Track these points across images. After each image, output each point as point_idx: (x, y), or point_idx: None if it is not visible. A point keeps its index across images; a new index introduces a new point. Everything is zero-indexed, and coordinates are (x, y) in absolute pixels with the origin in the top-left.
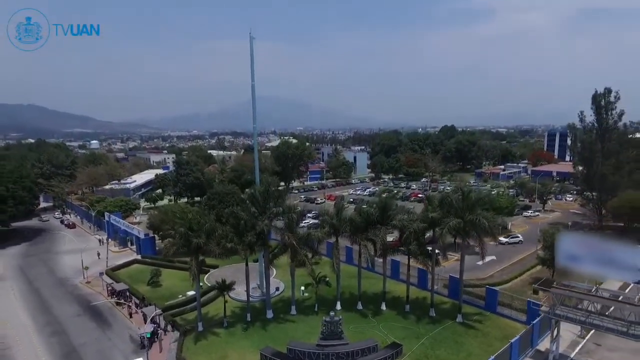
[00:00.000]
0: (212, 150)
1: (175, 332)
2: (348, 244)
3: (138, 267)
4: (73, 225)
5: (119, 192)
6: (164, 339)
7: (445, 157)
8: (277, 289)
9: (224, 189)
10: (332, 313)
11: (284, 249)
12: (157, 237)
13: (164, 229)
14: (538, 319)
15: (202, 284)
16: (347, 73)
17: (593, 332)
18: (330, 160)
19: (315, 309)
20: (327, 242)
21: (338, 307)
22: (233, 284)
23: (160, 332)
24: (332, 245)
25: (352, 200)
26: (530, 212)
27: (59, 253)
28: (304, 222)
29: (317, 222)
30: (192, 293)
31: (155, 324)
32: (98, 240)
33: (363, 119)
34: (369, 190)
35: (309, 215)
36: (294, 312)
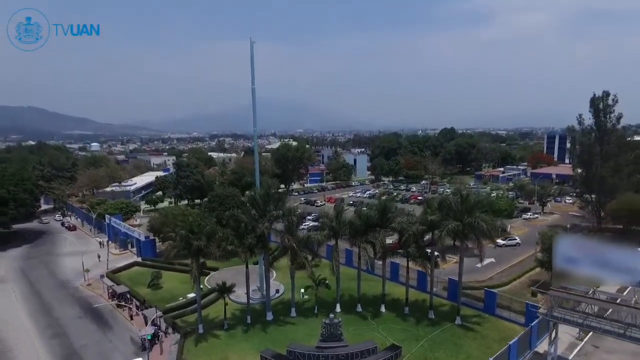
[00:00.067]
0: (212, 153)
1: (176, 334)
2: (348, 247)
3: (138, 269)
4: (74, 228)
5: (120, 194)
6: (165, 341)
7: (445, 159)
8: (277, 292)
9: (225, 192)
10: (331, 315)
11: (284, 252)
12: (157, 239)
13: (165, 232)
14: (536, 321)
15: (202, 287)
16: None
17: (591, 334)
18: (330, 163)
19: (315, 311)
20: (326, 244)
21: (338, 309)
22: (233, 287)
23: (161, 334)
24: (331, 248)
25: (352, 203)
26: (530, 214)
27: (60, 255)
28: (304, 224)
29: (317, 224)
30: (192, 295)
31: (156, 326)
32: (99, 243)
33: (363, 121)
34: (369, 193)
35: (309, 218)
36: (294, 314)
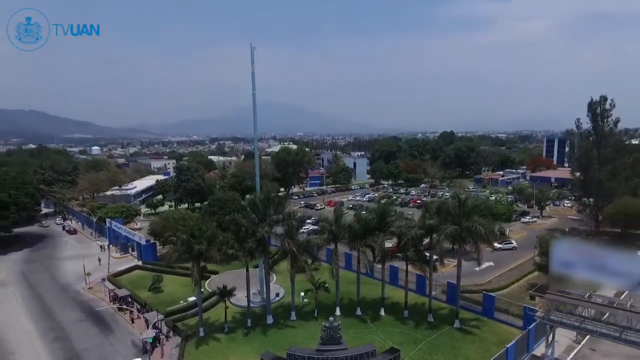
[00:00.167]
0: (212, 156)
1: (177, 337)
2: (347, 250)
3: (139, 273)
4: (74, 231)
5: (120, 198)
6: (166, 344)
7: (445, 163)
8: (277, 295)
9: (225, 196)
10: (331, 318)
11: (284, 255)
12: (158, 243)
13: (165, 235)
14: (534, 325)
15: (203, 290)
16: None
17: (588, 337)
18: (330, 166)
19: (315, 315)
20: (326, 248)
21: (337, 312)
22: (234, 290)
23: (162, 337)
24: (331, 252)
25: (351, 206)
26: (528, 218)
27: (61, 259)
28: (304, 228)
29: (316, 228)
30: (193, 299)
31: (157, 330)
32: (99, 247)
33: (363, 125)
34: (369, 196)
35: (309, 221)
36: (294, 317)
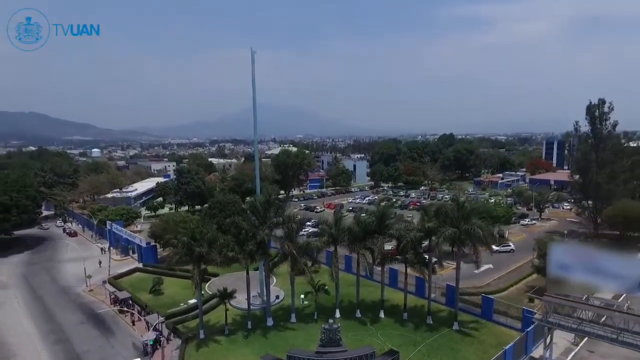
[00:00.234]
0: (212, 158)
1: (177, 339)
2: (347, 253)
3: (140, 275)
4: (75, 234)
5: (121, 200)
6: (167, 347)
7: (444, 165)
8: (277, 297)
9: (225, 198)
10: (331, 321)
11: (284, 258)
12: (158, 245)
13: (166, 238)
14: (532, 327)
15: (203, 292)
16: (346, 80)
17: (586, 339)
18: (330, 169)
19: (315, 317)
20: (326, 250)
21: (337, 315)
22: (234, 292)
23: (163, 339)
24: (331, 254)
25: (351, 209)
26: (528, 220)
27: (62, 261)
28: (304, 230)
29: (316, 230)
30: (193, 301)
31: (158, 332)
32: (100, 249)
33: (362, 127)
34: (368, 199)
35: (309, 224)
36: (294, 320)
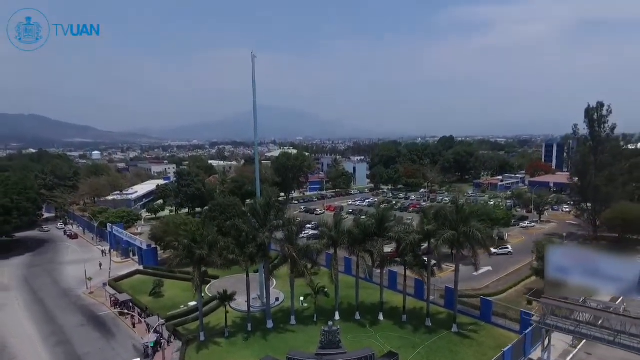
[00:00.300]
0: (212, 161)
1: (178, 341)
2: (347, 255)
3: (140, 277)
4: (75, 236)
5: (121, 203)
6: (167, 349)
7: (444, 167)
8: (277, 300)
9: (226, 201)
10: (330, 323)
11: (284, 260)
12: (159, 248)
13: (166, 240)
14: (530, 329)
15: (203, 295)
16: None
17: (584, 342)
18: (330, 171)
19: (314, 319)
20: (326, 253)
21: (337, 317)
22: (234, 295)
23: (164, 341)
24: (331, 257)
25: (351, 211)
26: (527, 222)
27: (63, 263)
28: (304, 233)
29: (316, 233)
30: (193, 303)
31: (158, 334)
32: (101, 251)
33: (362, 129)
34: (368, 201)
35: (309, 226)
36: (294, 322)
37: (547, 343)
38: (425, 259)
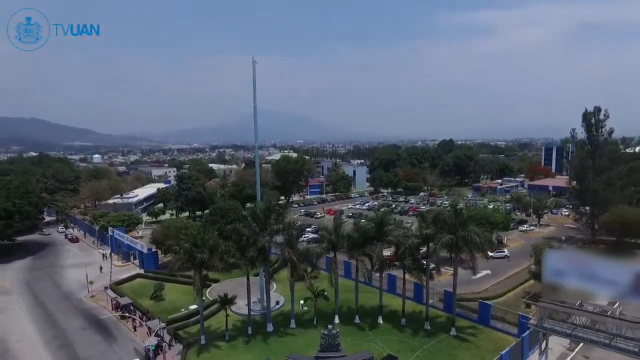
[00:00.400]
0: (212, 164)
1: (179, 345)
2: (346, 259)
3: (141, 281)
4: (76, 240)
5: (122, 206)
6: (168, 352)
7: (444, 171)
8: (277, 303)
9: (226, 205)
10: (330, 326)
11: (284, 264)
12: (159, 251)
13: (167, 244)
14: (527, 332)
15: (204, 298)
16: (347, 86)
17: (582, 345)
18: (330, 175)
19: (314, 323)
20: (325, 257)
21: (336, 320)
22: (234, 298)
23: (164, 345)
24: (330, 260)
25: (351, 215)
26: (526, 226)
27: (64, 267)
28: (304, 236)
29: (316, 236)
30: (194, 307)
31: (159, 337)
32: (102, 255)
33: (363, 133)
34: (368, 205)
35: (309, 230)
36: (294, 325)
37: (544, 346)
38: (424, 263)
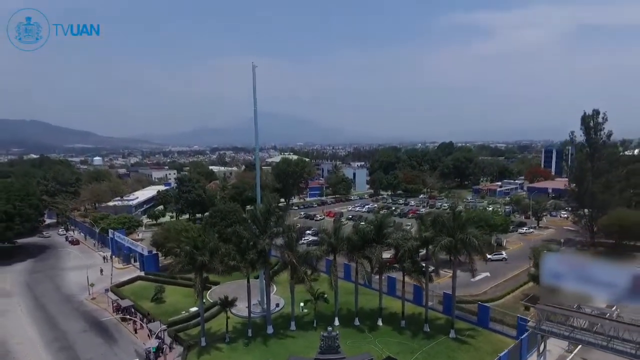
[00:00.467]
0: (213, 166)
1: (179, 347)
2: (346, 262)
3: (142, 283)
4: (77, 242)
5: (122, 208)
6: (169, 354)
7: (443, 173)
8: (277, 305)
9: (226, 207)
10: (330, 328)
11: (284, 266)
12: (160, 254)
13: (167, 246)
14: (526, 334)
15: (204, 300)
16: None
17: (580, 347)
18: (330, 177)
19: (314, 325)
20: (325, 259)
21: (336, 322)
22: (235, 301)
23: (165, 347)
24: (330, 263)
25: (351, 217)
26: (525, 228)
27: (64, 269)
28: (304, 238)
29: (316, 239)
30: (195, 309)
31: (160, 339)
32: (102, 257)
33: (363, 135)
34: (368, 207)
35: (309, 232)
36: (294, 327)
37: (542, 348)
38: (423, 265)
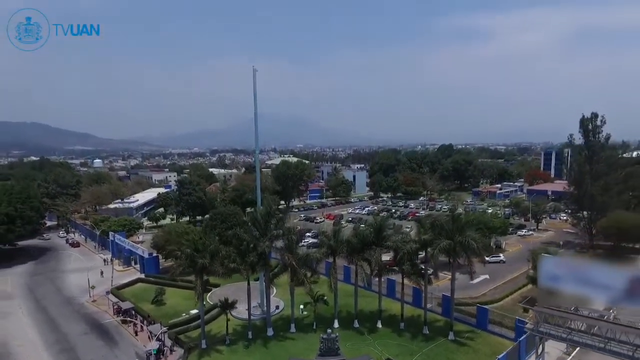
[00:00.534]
0: (213, 169)
1: (180, 349)
2: (345, 264)
3: (142, 285)
4: (77, 244)
5: (122, 211)
6: (169, 356)
7: (443, 176)
8: (277, 308)
9: (226, 210)
10: (329, 331)
11: (284, 269)
12: (160, 256)
13: (168, 249)
14: (524, 336)
15: (205, 303)
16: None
17: (578, 349)
18: (330, 179)
19: (314, 327)
20: (325, 261)
21: (336, 325)
22: (235, 303)
23: (166, 349)
24: (330, 265)
25: (350, 220)
26: (525, 231)
27: (65, 272)
28: (304, 241)
29: (316, 241)
30: (195, 311)
31: (161, 342)
32: (103, 260)
33: (363, 136)
34: (368, 209)
35: (308, 235)
36: (294, 329)
37: (540, 350)
38: (423, 268)
